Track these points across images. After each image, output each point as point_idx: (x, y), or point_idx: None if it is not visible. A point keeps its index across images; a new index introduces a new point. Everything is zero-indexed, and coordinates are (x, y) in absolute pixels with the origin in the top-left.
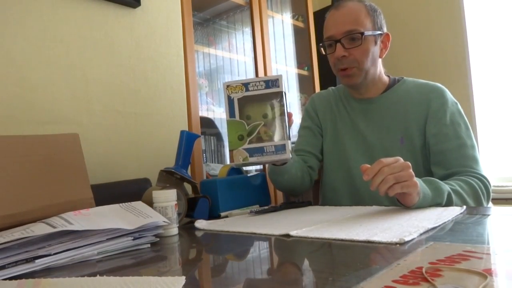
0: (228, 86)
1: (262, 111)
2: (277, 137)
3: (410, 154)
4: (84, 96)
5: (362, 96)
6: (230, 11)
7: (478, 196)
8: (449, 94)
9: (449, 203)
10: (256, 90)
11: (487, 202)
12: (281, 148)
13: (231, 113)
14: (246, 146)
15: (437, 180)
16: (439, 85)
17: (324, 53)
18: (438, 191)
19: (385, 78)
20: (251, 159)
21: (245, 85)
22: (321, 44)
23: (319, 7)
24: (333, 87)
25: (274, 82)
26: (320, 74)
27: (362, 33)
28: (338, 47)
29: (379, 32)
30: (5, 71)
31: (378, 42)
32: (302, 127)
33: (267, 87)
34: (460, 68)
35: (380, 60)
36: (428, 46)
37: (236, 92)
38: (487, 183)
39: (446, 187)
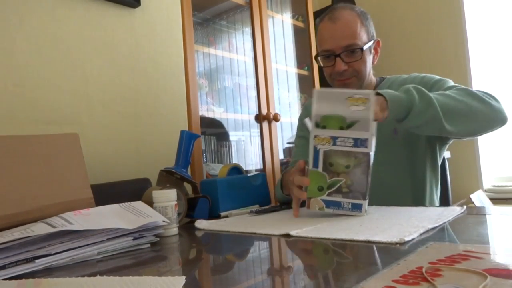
0: (316, 137)
1: (345, 162)
2: (356, 188)
3: (404, 143)
4: (84, 96)
5: None
6: (230, 11)
7: (473, 94)
8: (423, 74)
9: (427, 98)
10: (343, 146)
11: (496, 101)
12: (358, 207)
13: (314, 163)
14: (324, 197)
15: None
16: (414, 73)
17: (320, 65)
18: (407, 91)
19: (373, 79)
20: (327, 210)
21: (334, 139)
22: (316, 57)
23: (319, 7)
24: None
25: (362, 141)
26: (320, 74)
27: (362, 48)
28: (338, 61)
29: (372, 41)
30: (5, 70)
31: (372, 51)
32: (298, 137)
33: (355, 145)
34: (460, 68)
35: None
36: (428, 46)
37: (323, 144)
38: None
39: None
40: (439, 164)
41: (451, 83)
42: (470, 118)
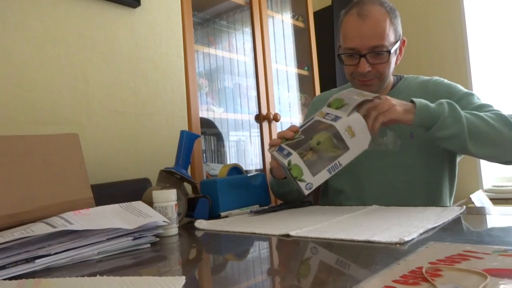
0: (320, 111)
1: (318, 138)
2: (314, 167)
3: (421, 148)
4: (84, 96)
5: None
6: (230, 11)
7: (507, 121)
8: (446, 80)
9: (456, 115)
10: (326, 120)
11: None
12: (288, 155)
13: (301, 125)
14: (282, 145)
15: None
16: (436, 77)
17: (341, 62)
18: (440, 103)
19: (391, 78)
20: (274, 153)
21: (326, 114)
22: (338, 54)
23: (319, 7)
24: (335, 88)
25: (337, 118)
26: (320, 74)
27: (389, 51)
28: (362, 62)
29: (399, 41)
30: (5, 71)
31: (397, 51)
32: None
33: (332, 120)
34: (460, 68)
35: None
36: (428, 46)
37: (318, 116)
38: None
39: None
40: (456, 172)
41: (476, 98)
42: (498, 144)
